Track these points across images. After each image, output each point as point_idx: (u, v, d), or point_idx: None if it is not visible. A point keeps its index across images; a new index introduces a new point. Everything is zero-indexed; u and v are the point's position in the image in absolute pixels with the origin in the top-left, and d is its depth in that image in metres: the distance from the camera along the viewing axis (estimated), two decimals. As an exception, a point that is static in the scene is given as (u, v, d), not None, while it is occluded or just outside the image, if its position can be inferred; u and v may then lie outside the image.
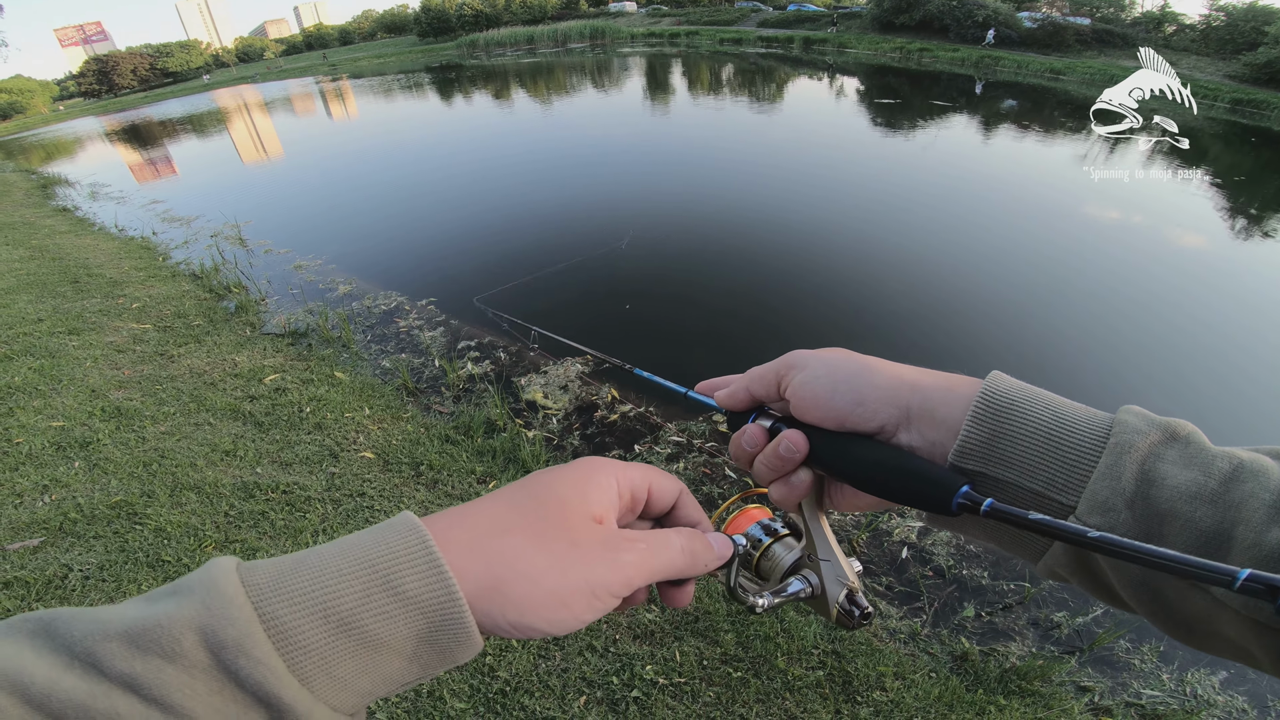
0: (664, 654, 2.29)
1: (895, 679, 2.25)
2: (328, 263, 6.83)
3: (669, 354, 4.81)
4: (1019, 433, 0.39)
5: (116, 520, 2.78)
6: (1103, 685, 2.41)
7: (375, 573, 0.33)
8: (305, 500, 2.94)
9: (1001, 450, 0.39)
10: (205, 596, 0.30)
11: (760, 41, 39.62)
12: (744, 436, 0.49)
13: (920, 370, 0.46)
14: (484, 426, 3.65)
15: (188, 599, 0.30)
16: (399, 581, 0.33)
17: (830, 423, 0.45)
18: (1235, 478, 0.34)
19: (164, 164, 16.95)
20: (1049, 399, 0.40)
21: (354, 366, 4.46)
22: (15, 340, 4.62)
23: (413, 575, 0.33)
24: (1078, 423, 0.38)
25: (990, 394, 0.40)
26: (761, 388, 0.50)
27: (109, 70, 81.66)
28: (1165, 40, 27.58)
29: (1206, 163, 11.69)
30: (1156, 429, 0.37)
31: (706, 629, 2.40)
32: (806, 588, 0.50)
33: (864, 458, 0.44)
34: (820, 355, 0.48)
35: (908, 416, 0.43)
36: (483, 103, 23.34)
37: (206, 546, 2.65)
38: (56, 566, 2.50)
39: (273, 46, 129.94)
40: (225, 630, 0.29)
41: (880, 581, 2.84)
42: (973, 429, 0.40)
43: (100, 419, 3.60)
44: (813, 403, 0.46)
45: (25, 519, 2.79)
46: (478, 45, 59.30)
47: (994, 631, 2.62)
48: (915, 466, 0.42)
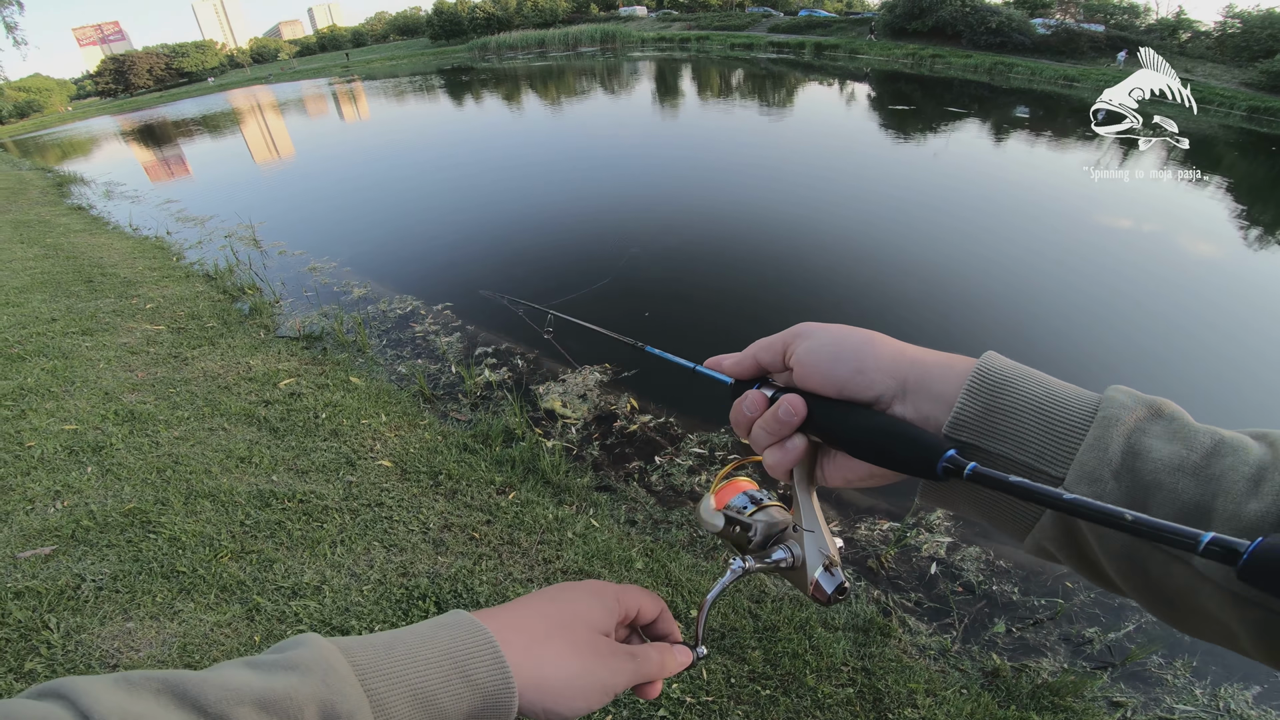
0: (690, 672, 2.22)
1: (926, 695, 2.21)
2: (342, 265, 6.79)
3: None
4: (1011, 407, 0.41)
5: (130, 528, 2.72)
6: (1135, 700, 2.37)
7: (455, 663, 0.42)
8: (322, 510, 2.87)
9: (994, 423, 0.41)
10: (324, 675, 0.37)
11: (771, 47, 39.61)
12: (745, 402, 0.51)
13: (921, 348, 0.48)
14: (502, 435, 3.58)
15: (309, 675, 0.36)
16: (472, 671, 0.42)
17: (830, 390, 0.47)
18: (1216, 452, 0.35)
19: (178, 164, 17.03)
20: (1041, 377, 0.42)
21: (370, 371, 4.40)
22: (28, 340, 4.58)
23: (483, 668, 0.43)
24: (1068, 398, 0.40)
25: (985, 370, 0.43)
26: (768, 355, 0.52)
27: (126, 70, 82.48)
28: (1180, 47, 27.41)
29: (1221, 172, 11.56)
30: (1142, 405, 0.39)
31: (733, 646, 2.34)
32: (788, 557, 0.52)
33: (859, 424, 0.45)
34: (826, 327, 0.50)
35: (904, 388, 0.45)
36: (495, 106, 23.38)
37: (222, 557, 2.57)
38: (69, 576, 2.43)
39: (287, 48, 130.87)
40: (341, 705, 0.36)
41: (909, 598, 2.79)
42: (967, 402, 0.42)
43: (113, 422, 3.54)
44: (814, 369, 0.48)
45: (37, 525, 2.72)
46: (489, 48, 59.65)
47: (1025, 647, 2.58)
48: (906, 431, 0.43)
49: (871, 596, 2.77)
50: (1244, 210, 9.00)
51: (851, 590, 1.26)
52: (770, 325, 0.52)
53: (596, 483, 3.41)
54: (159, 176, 14.67)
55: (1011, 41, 29.87)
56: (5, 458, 3.21)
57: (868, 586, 2.82)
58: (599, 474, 3.51)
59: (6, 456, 3.22)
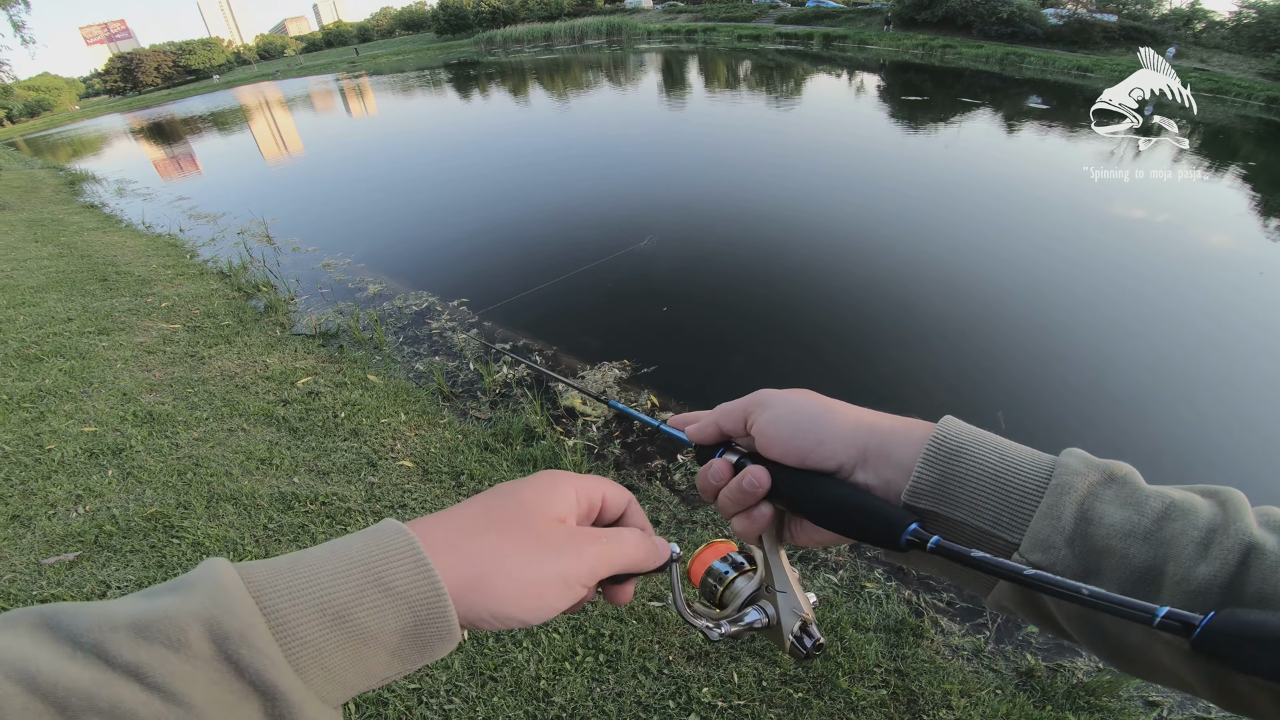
0: (721, 675, 2.19)
1: (961, 696, 2.18)
2: (356, 261, 6.75)
3: (707, 360, 4.66)
4: (967, 474, 0.42)
5: (153, 533, 2.69)
6: (1171, 700, 2.33)
7: (368, 571, 0.35)
8: (345, 512, 2.83)
9: (951, 490, 0.42)
10: (210, 591, 0.31)
11: (779, 38, 39.31)
12: (710, 470, 0.51)
13: (879, 414, 0.48)
14: (523, 434, 3.54)
15: (192, 593, 0.31)
16: (390, 578, 0.35)
17: (792, 460, 0.48)
18: (1167, 516, 0.36)
19: (188, 160, 17.06)
20: (997, 442, 0.43)
21: (387, 369, 4.36)
22: (45, 340, 4.57)
23: (402, 573, 0.36)
24: (1022, 465, 0.41)
25: (941, 438, 0.43)
26: (729, 423, 0.52)
27: (134, 68, 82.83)
28: (1195, 37, 27.02)
29: (1238, 160, 11.37)
30: (1095, 470, 0.39)
31: (764, 648, 2.30)
32: (762, 618, 0.52)
33: (822, 494, 0.46)
34: (785, 396, 0.50)
35: (865, 457, 0.46)
36: (503, 99, 23.32)
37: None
38: (94, 583, 2.40)
39: (293, 44, 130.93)
40: (229, 622, 0.31)
41: (940, 598, 2.74)
42: (924, 470, 0.43)
43: (132, 424, 3.52)
44: (776, 441, 0.48)
45: (60, 531, 2.70)
46: (495, 42, 59.51)
47: (1059, 648, 2.55)
48: (868, 504, 0.44)
49: (902, 597, 2.72)
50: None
51: (827, 645, 1.24)
52: (797, 325, 0.48)
53: (619, 482, 3.36)
54: (170, 174, 14.70)
55: (1023, 32, 29.50)
56: (26, 461, 3.20)
57: (898, 587, 2.77)
58: (621, 473, 3.47)
59: (27, 460, 3.21)
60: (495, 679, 2.13)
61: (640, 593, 2.49)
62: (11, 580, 2.47)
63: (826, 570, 2.79)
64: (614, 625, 2.34)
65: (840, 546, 2.91)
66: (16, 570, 2.52)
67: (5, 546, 2.65)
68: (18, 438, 3.41)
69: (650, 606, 2.43)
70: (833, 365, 4.63)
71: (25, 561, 2.56)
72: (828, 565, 2.82)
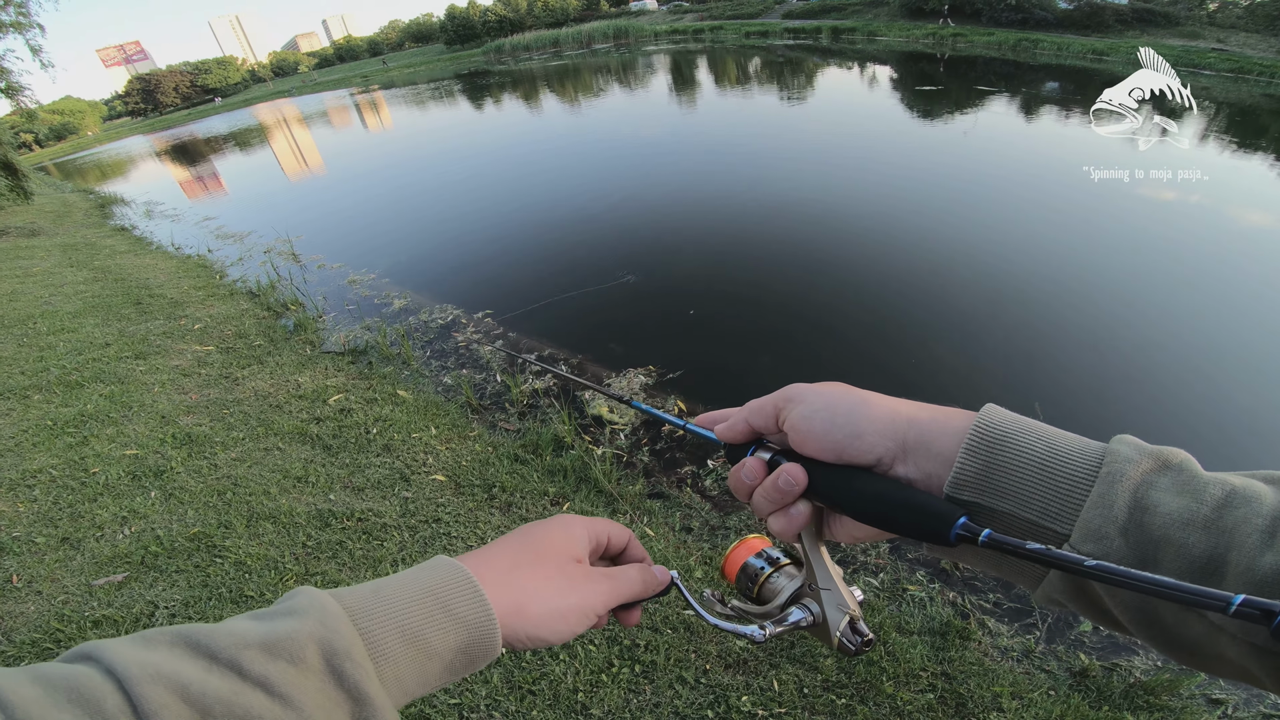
0: (760, 683, 2.16)
1: (1012, 699, 2.13)
2: (380, 276, 6.83)
3: (735, 360, 4.65)
4: (1012, 463, 0.40)
5: (196, 553, 2.75)
6: (1236, 697, 2.25)
7: (437, 599, 0.43)
8: (381, 528, 2.87)
9: (996, 481, 0.41)
10: (320, 616, 0.38)
11: (787, 33, 39.06)
12: (743, 470, 0.51)
13: (917, 404, 0.47)
14: (552, 444, 3.55)
15: (305, 618, 0.38)
16: (454, 605, 0.43)
17: (828, 455, 0.46)
18: (1228, 504, 0.34)
19: (212, 180, 17.40)
20: (1043, 429, 0.41)
21: (416, 384, 4.41)
22: (85, 366, 4.69)
23: (463, 601, 0.43)
24: (1070, 452, 0.39)
25: (984, 426, 0.42)
26: (760, 420, 0.51)
27: (153, 89, 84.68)
28: (1210, 17, 26.38)
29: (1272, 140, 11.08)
30: (1148, 457, 0.38)
31: (804, 655, 2.26)
32: (807, 616, 0.51)
33: (862, 490, 0.45)
34: (818, 389, 0.49)
35: (904, 449, 0.45)
36: (516, 108, 23.44)
37: (288, 580, 2.59)
38: (143, 604, 2.46)
39: (305, 60, 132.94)
40: (337, 642, 0.37)
41: (987, 599, 2.69)
42: (967, 460, 0.41)
43: (172, 446, 3.60)
44: (810, 436, 0.47)
45: (108, 553, 2.77)
46: (504, 50, 60.02)
47: (1114, 646, 2.47)
48: (913, 499, 0.42)
49: (947, 599, 2.68)
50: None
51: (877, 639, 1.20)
52: (823, 323, 0.47)
53: (649, 490, 3.36)
54: (195, 194, 15.00)
55: (1033, 17, 29.01)
56: (73, 484, 3.28)
57: (942, 589, 2.73)
58: (651, 480, 3.46)
59: (73, 483, 3.29)
60: (534, 692, 2.14)
61: (673, 601, 2.48)
62: (65, 601, 2.54)
63: (866, 573, 2.76)
64: (649, 635, 2.33)
65: (879, 548, 2.90)
66: (69, 591, 2.59)
67: (58, 568, 2.73)
68: (64, 462, 3.50)
69: (685, 615, 2.41)
70: (864, 355, 4.59)
71: (77, 583, 2.63)
72: (868, 568, 2.79)
